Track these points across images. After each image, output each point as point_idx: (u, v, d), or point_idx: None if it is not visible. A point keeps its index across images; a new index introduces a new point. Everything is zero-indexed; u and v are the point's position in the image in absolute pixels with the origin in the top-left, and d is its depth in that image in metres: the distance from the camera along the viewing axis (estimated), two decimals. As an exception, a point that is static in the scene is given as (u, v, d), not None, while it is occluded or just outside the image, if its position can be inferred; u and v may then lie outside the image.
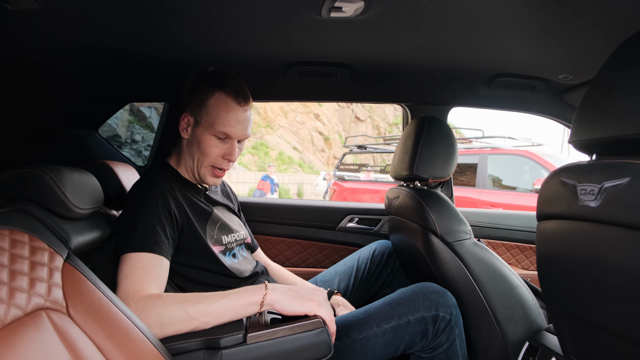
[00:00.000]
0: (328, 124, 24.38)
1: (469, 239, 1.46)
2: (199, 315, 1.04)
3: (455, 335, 1.35)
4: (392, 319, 1.33)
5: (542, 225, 0.96)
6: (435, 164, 1.56)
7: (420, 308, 1.33)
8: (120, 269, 1.12)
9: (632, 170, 0.71)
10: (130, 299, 1.05)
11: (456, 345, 1.36)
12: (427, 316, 1.33)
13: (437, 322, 1.33)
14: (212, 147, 1.30)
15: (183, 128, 1.33)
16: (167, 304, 1.04)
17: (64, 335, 0.81)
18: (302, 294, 1.09)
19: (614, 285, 0.77)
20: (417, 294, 1.36)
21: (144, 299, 1.05)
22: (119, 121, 4.31)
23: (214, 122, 1.27)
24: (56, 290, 0.86)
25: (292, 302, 1.07)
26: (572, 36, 1.26)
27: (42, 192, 0.99)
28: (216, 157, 1.31)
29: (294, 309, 1.07)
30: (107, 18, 1.17)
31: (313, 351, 1.03)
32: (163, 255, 1.16)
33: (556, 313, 1.00)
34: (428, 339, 1.34)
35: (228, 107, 1.28)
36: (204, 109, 1.28)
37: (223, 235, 1.38)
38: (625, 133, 0.74)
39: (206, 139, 1.29)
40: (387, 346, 1.33)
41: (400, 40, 1.34)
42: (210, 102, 1.28)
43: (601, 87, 0.82)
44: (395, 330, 1.32)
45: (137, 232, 1.15)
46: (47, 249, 0.89)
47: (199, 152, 1.31)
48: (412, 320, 1.32)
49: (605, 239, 0.77)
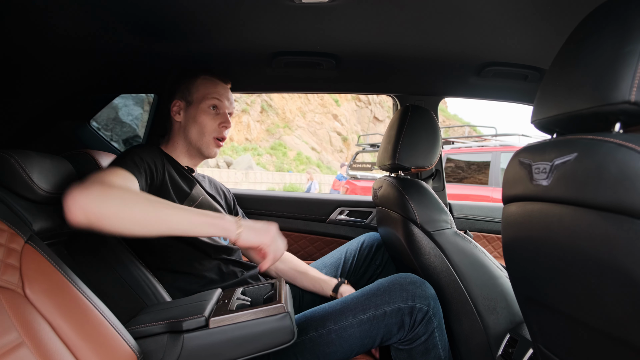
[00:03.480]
0: (346, 124, 24.37)
1: (449, 228, 1.43)
2: (158, 219, 1.02)
3: (433, 327, 1.33)
4: (369, 310, 1.31)
5: (505, 209, 0.93)
6: (417, 153, 1.54)
7: (397, 299, 1.32)
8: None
9: (579, 145, 0.68)
10: (94, 180, 1.03)
11: (435, 337, 1.34)
12: (404, 307, 1.31)
13: (413, 314, 1.31)
14: (209, 119, 1.44)
15: (175, 113, 1.46)
16: (137, 195, 1.04)
17: (16, 313, 0.82)
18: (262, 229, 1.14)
19: (568, 268, 0.74)
20: (394, 284, 1.35)
21: (110, 187, 1.03)
22: (139, 122, 4.35)
23: (204, 96, 1.44)
24: (12, 270, 0.86)
25: (252, 237, 1.11)
26: (562, 24, 1.22)
27: (7, 175, 1.00)
28: (214, 128, 1.45)
29: (253, 243, 1.11)
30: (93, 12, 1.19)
31: (276, 336, 1.02)
32: (136, 178, 1.18)
33: (522, 300, 0.97)
34: (405, 330, 1.32)
35: (214, 83, 1.47)
36: (193, 89, 1.45)
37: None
38: (578, 108, 0.71)
39: (201, 112, 1.44)
40: (363, 337, 1.31)
41: (382, 28, 1.33)
42: (197, 82, 1.46)
43: (559, 64, 0.80)
44: (371, 321, 1.31)
45: (121, 157, 1.24)
46: (7, 230, 0.89)
47: (197, 127, 1.44)
48: (389, 311, 1.31)
49: (557, 219, 0.74)
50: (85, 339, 0.89)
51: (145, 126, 4.39)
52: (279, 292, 1.11)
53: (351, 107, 24.89)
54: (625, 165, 0.60)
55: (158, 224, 1.02)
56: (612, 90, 0.63)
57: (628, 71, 0.62)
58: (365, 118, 25.86)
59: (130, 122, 4.10)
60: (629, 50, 0.62)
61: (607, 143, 0.63)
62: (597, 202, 0.64)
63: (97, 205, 0.96)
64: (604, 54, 0.67)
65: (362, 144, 7.61)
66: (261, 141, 20.51)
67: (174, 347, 1.00)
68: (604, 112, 0.66)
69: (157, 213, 1.02)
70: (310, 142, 22.25)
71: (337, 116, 23.95)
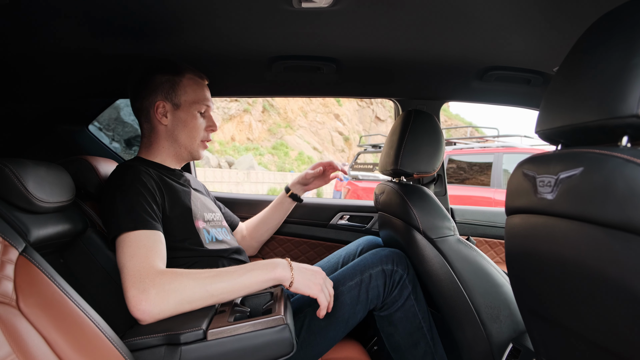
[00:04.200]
0: (348, 124, 24.34)
1: (452, 235, 1.42)
2: (218, 292, 1.08)
3: (408, 292, 1.44)
4: (356, 276, 1.42)
5: (509, 220, 0.92)
6: (420, 159, 1.52)
7: (379, 263, 1.44)
8: (121, 251, 1.13)
9: (585, 160, 0.67)
10: (144, 277, 1.06)
11: (412, 305, 1.44)
12: (386, 269, 1.43)
13: (393, 275, 1.42)
14: (198, 124, 1.43)
15: (161, 115, 1.40)
16: (186, 281, 1.07)
17: (9, 328, 0.80)
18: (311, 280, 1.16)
19: (572, 283, 0.72)
20: (377, 252, 1.49)
21: (159, 275, 1.07)
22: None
23: (195, 101, 1.42)
24: (6, 282, 0.85)
25: (303, 287, 1.15)
26: (565, 28, 1.20)
27: (1, 185, 0.99)
28: (202, 131, 1.45)
29: (304, 290, 1.15)
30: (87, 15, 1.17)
31: (275, 348, 1.01)
32: (157, 230, 1.19)
33: (525, 313, 0.95)
34: (386, 292, 1.42)
35: (199, 84, 1.45)
36: (180, 91, 1.40)
37: (204, 212, 1.44)
38: (583, 121, 0.69)
39: (191, 117, 1.42)
40: (353, 303, 1.39)
41: (383, 32, 1.31)
42: (184, 83, 1.40)
43: (564, 73, 0.78)
44: (359, 285, 1.40)
45: (125, 213, 1.19)
46: (0, 242, 0.88)
47: (187, 131, 1.42)
48: (373, 273, 1.42)
49: (562, 233, 0.72)
50: (80, 353, 0.87)
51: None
52: (278, 303, 1.10)
53: (353, 107, 24.87)
54: (634, 182, 0.58)
55: (218, 299, 1.10)
56: (620, 103, 0.61)
57: (636, 84, 0.60)
58: (367, 118, 25.83)
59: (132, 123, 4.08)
60: (637, 62, 0.60)
61: (614, 158, 0.62)
62: (603, 218, 0.62)
63: (161, 310, 1.04)
64: (611, 65, 0.65)
65: (363, 145, 7.59)
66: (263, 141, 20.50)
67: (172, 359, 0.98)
68: (611, 125, 0.64)
69: (214, 291, 1.08)
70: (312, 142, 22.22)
71: (339, 116, 23.92)
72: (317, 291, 1.14)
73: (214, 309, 1.10)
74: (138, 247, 1.13)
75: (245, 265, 1.14)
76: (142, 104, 1.41)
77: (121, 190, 1.23)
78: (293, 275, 1.13)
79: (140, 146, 1.46)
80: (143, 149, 1.45)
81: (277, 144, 20.59)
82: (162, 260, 1.15)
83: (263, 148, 20.03)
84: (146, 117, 1.42)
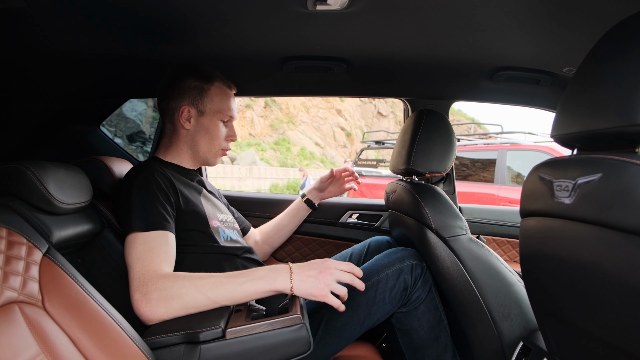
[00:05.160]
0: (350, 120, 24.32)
1: (464, 234, 1.43)
2: (219, 299, 1.10)
3: (430, 284, 1.46)
4: (372, 277, 1.41)
5: (524, 222, 0.93)
6: (432, 158, 1.53)
7: (395, 262, 1.44)
8: (129, 251, 1.17)
9: (604, 166, 0.68)
10: (147, 281, 1.09)
11: (434, 297, 1.45)
12: (403, 267, 1.43)
13: (413, 270, 1.43)
14: (220, 132, 1.45)
15: (185, 120, 1.42)
16: (187, 287, 1.09)
17: (37, 328, 0.82)
18: (314, 285, 1.13)
19: (589, 285, 0.74)
20: (389, 253, 1.49)
21: (161, 279, 1.10)
22: (143, 117, 4.34)
23: (220, 109, 1.43)
24: (32, 284, 0.87)
25: (304, 293, 1.13)
26: (575, 28, 1.21)
27: (24, 187, 1.01)
28: (223, 140, 1.47)
29: (307, 297, 1.13)
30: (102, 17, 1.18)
31: (292, 347, 1.03)
32: (168, 231, 1.21)
33: (539, 313, 0.97)
34: (408, 290, 1.42)
35: (227, 94, 1.46)
36: (207, 99, 1.42)
37: (217, 212, 1.46)
38: (601, 127, 0.70)
39: (214, 125, 1.44)
40: (370, 304, 1.39)
41: (395, 33, 1.32)
42: (212, 91, 1.42)
43: (581, 80, 0.79)
44: (375, 286, 1.40)
45: (138, 212, 1.21)
46: (25, 243, 0.90)
47: (208, 138, 1.44)
48: (390, 273, 1.42)
49: (579, 237, 0.74)
50: (104, 352, 0.89)
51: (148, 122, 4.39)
52: (294, 302, 1.11)
53: (355, 102, 24.84)
54: None
55: (220, 305, 1.10)
56: (638, 111, 0.63)
57: None
58: (369, 113, 25.82)
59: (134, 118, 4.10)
60: None
61: (633, 165, 0.63)
62: (622, 224, 0.64)
63: (163, 313, 1.07)
64: (630, 74, 0.66)
65: (367, 141, 7.58)
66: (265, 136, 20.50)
67: (191, 358, 1.00)
68: (629, 132, 0.65)
69: (215, 298, 1.09)
70: (314, 137, 22.22)
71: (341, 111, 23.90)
72: (321, 296, 1.12)
73: (230, 307, 1.12)
74: (145, 249, 1.15)
75: (247, 272, 1.14)
76: (168, 104, 1.43)
77: (136, 190, 1.25)
78: (293, 285, 1.12)
79: (159, 145, 1.48)
80: (162, 149, 1.47)
81: (279, 139, 20.60)
82: (168, 263, 1.17)
83: (265, 143, 20.04)
84: (170, 119, 1.44)
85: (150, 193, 1.25)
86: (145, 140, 4.29)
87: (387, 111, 26.35)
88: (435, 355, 1.46)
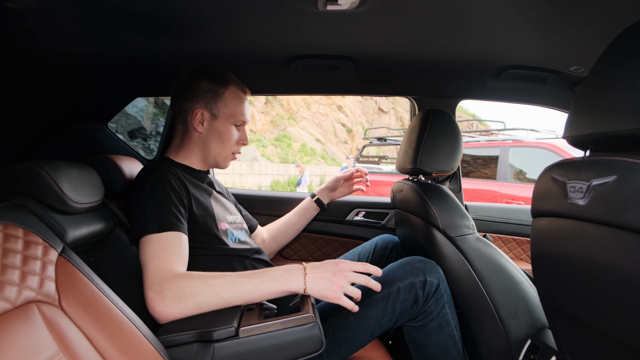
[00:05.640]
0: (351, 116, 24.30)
1: (472, 234, 1.44)
2: (232, 299, 1.11)
3: (444, 302, 1.40)
4: (383, 289, 1.37)
5: (535, 222, 0.94)
6: (438, 158, 1.54)
7: (409, 275, 1.38)
8: (143, 251, 1.18)
9: (619, 168, 0.69)
10: (161, 280, 1.11)
11: (447, 313, 1.41)
12: (416, 281, 1.38)
13: (426, 287, 1.37)
14: (232, 136, 1.46)
15: (198, 122, 1.42)
16: (201, 287, 1.10)
17: (55, 327, 0.83)
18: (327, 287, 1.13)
19: (602, 285, 0.75)
20: (405, 264, 1.42)
21: (175, 278, 1.11)
22: (143, 114, 4.34)
23: (233, 113, 1.44)
24: (49, 283, 0.88)
25: (316, 294, 1.13)
26: (582, 27, 1.21)
27: (39, 187, 1.01)
28: (234, 144, 1.48)
29: (320, 298, 1.13)
30: (111, 15, 1.18)
31: (305, 346, 1.04)
32: (181, 232, 1.23)
33: (551, 312, 0.98)
34: (419, 305, 1.38)
35: (241, 98, 1.47)
36: (221, 103, 1.43)
37: (226, 214, 1.47)
38: (615, 129, 0.71)
39: (227, 129, 1.44)
40: (379, 316, 1.37)
41: (403, 32, 1.32)
42: (226, 96, 1.43)
43: (594, 82, 0.80)
44: (386, 299, 1.37)
45: (151, 214, 1.22)
46: (41, 243, 0.90)
47: (220, 142, 1.45)
48: (402, 287, 1.37)
49: (593, 238, 0.75)
50: (120, 351, 0.90)
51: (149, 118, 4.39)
52: (305, 301, 1.12)
53: (355, 98, 24.79)
54: None
55: (231, 304, 1.12)
56: None
57: None
58: (370, 109, 25.80)
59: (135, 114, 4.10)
60: None
61: None
62: (638, 225, 0.64)
63: (179, 311, 1.08)
64: None
65: (369, 138, 7.59)
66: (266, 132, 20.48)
67: (205, 356, 1.01)
68: None
69: (228, 298, 1.11)
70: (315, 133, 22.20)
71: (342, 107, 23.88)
72: (334, 298, 1.11)
73: (242, 306, 1.13)
74: (159, 249, 1.17)
75: (261, 273, 1.15)
76: (181, 105, 1.43)
77: (149, 191, 1.26)
78: (307, 286, 1.13)
79: (170, 146, 1.49)
80: (172, 150, 1.48)
81: (280, 135, 20.58)
82: (182, 263, 1.18)
83: (266, 140, 20.02)
84: (182, 120, 1.44)
85: (164, 194, 1.26)
86: (146, 137, 4.29)
87: (388, 107, 26.34)
88: None
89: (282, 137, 20.52)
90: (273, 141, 20.08)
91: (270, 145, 19.74)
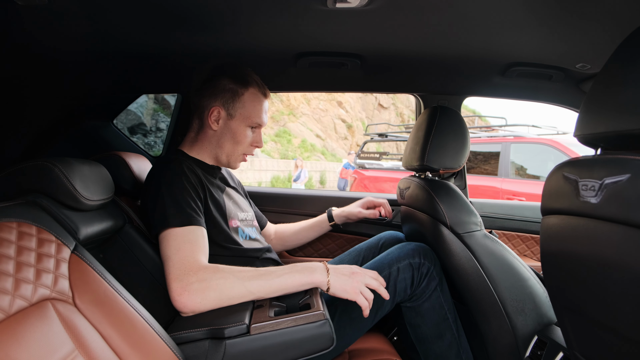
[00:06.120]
0: (351, 112, 24.25)
1: (479, 230, 1.45)
2: (257, 291, 1.14)
3: (435, 285, 1.48)
4: (383, 270, 1.44)
5: (545, 220, 0.94)
6: (446, 155, 1.54)
7: (407, 257, 1.47)
8: (167, 245, 1.19)
9: (632, 167, 0.69)
10: (188, 270, 1.12)
11: (439, 297, 1.48)
12: (413, 262, 1.47)
13: (420, 268, 1.46)
14: (246, 138, 1.44)
15: (213, 120, 1.41)
16: (228, 277, 1.12)
17: (69, 325, 0.84)
18: (348, 284, 1.19)
19: (614, 283, 0.75)
20: (403, 247, 1.52)
21: (202, 270, 1.13)
22: (144, 109, 4.33)
23: (249, 115, 1.42)
24: (62, 281, 0.88)
25: (340, 291, 1.18)
26: (588, 24, 1.22)
27: (51, 185, 1.01)
28: (248, 145, 1.46)
29: (341, 293, 1.18)
30: (119, 12, 1.18)
31: (315, 343, 1.05)
32: (202, 226, 1.25)
33: (560, 308, 0.98)
34: (414, 285, 1.45)
35: (260, 100, 1.45)
36: (239, 103, 1.41)
37: (237, 211, 1.48)
38: (628, 128, 0.72)
39: (241, 130, 1.43)
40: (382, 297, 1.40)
41: (410, 30, 1.32)
42: (245, 97, 1.41)
43: (605, 81, 0.80)
44: (387, 279, 1.43)
45: (172, 208, 1.23)
46: (54, 241, 0.91)
47: (233, 142, 1.44)
48: (401, 267, 1.45)
49: (605, 236, 0.75)
50: (133, 347, 0.91)
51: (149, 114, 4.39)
52: (315, 298, 1.13)
53: (356, 94, 24.74)
54: None
55: (256, 297, 1.14)
56: None
57: None
58: (370, 105, 25.75)
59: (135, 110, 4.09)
60: None
61: None
62: None
63: (201, 303, 1.10)
64: None
65: (369, 134, 7.59)
66: (265, 128, 20.42)
67: (216, 353, 1.02)
68: None
69: (253, 290, 1.13)
70: (315, 129, 22.16)
71: (342, 103, 23.83)
72: (354, 294, 1.17)
73: (252, 303, 1.14)
74: (183, 242, 1.18)
75: (284, 267, 1.18)
76: (200, 101, 1.42)
77: (167, 185, 1.26)
78: (329, 280, 1.17)
79: (185, 139, 1.48)
80: (187, 143, 1.47)
81: (280, 131, 20.54)
82: (205, 255, 1.20)
83: (266, 135, 20.00)
84: (199, 115, 1.44)
85: (182, 187, 1.27)
86: (147, 132, 4.29)
87: (388, 103, 26.29)
88: (439, 352, 1.49)
89: (282, 133, 20.48)
90: (273, 137, 20.04)
91: (270, 141, 19.71)
